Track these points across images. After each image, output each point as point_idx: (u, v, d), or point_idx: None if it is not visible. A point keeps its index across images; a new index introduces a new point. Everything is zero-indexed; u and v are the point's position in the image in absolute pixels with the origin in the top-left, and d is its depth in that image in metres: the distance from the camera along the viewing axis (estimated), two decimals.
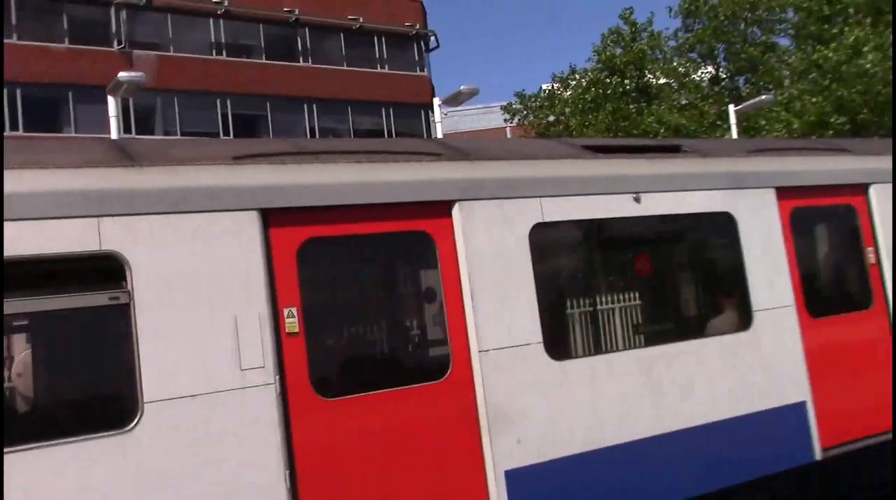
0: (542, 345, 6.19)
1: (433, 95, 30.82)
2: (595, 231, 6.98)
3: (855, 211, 8.34)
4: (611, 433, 6.42)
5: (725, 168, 7.55)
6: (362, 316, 6.14)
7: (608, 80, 34.56)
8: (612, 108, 33.33)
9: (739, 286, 7.36)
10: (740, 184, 7.52)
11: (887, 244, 8.32)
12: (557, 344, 6.39)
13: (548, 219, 6.45)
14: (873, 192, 8.40)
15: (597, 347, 6.98)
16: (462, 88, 17.47)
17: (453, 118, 61.90)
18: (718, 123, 31.17)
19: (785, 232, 7.70)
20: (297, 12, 39.96)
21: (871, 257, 8.33)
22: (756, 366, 7.20)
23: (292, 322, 5.46)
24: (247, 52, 39.21)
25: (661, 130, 30.96)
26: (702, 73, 37.85)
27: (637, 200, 6.90)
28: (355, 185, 5.79)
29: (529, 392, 6.11)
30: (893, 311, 8.23)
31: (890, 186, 8.47)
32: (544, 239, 6.48)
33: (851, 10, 32.52)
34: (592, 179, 6.74)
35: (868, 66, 29.27)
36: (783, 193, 7.77)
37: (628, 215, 6.91)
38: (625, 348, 7.04)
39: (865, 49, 29.66)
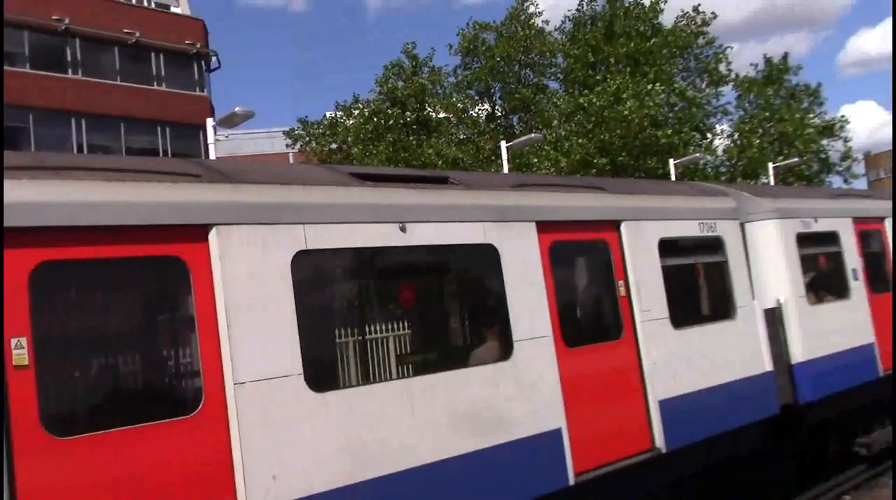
0: (301, 376, 5.99)
1: (212, 116, 29.85)
2: (360, 260, 6.90)
3: (608, 246, 8.82)
4: (372, 465, 6.30)
5: (490, 201, 7.73)
6: (105, 347, 5.66)
7: (390, 112, 35.07)
8: (393, 139, 33.84)
9: (501, 317, 7.53)
10: (504, 217, 7.72)
11: (636, 278, 8.86)
12: (319, 375, 6.21)
13: (311, 246, 6.29)
14: (624, 228, 8.93)
15: (360, 377, 6.88)
16: (237, 109, 16.99)
17: (234, 141, 60.34)
18: (493, 158, 32.42)
19: (544, 264, 7.98)
20: (67, 21, 37.50)
21: (621, 290, 8.83)
22: (515, 395, 7.37)
23: (20, 354, 4.93)
24: (9, 60, 36.18)
25: (440, 163, 31.75)
26: (479, 109, 39.33)
27: (403, 229, 6.89)
28: (100, 204, 5.35)
29: (288, 425, 5.87)
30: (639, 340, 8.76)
31: (638, 222, 9.05)
32: (308, 267, 6.31)
33: (613, 60, 35.11)
34: (358, 208, 6.66)
35: (626, 112, 31.63)
36: (543, 226, 8.07)
37: (394, 245, 6.88)
38: (388, 379, 6.98)
39: (624, 96, 32.06)
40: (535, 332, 7.66)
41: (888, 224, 13.96)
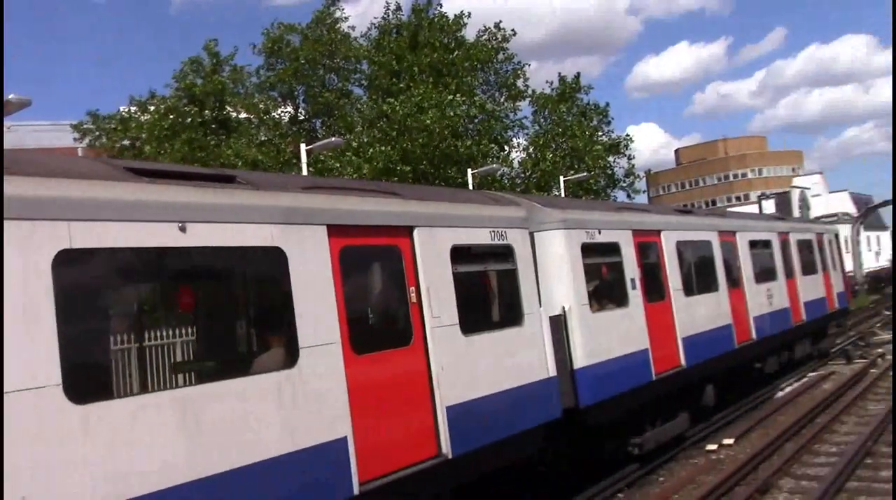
0: (60, 387, 5.48)
1: None
2: (134, 261, 6.41)
3: (400, 252, 8.79)
4: (143, 481, 5.87)
5: (278, 202, 7.46)
6: None
7: (187, 109, 33.69)
8: (190, 137, 32.49)
9: (287, 323, 7.28)
10: (292, 219, 7.48)
11: (427, 284, 8.88)
12: (82, 386, 5.69)
13: (77, 246, 5.78)
14: (417, 234, 8.93)
15: (131, 388, 6.41)
16: (11, 96, 15.60)
17: (18, 133, 56.00)
18: (294, 161, 31.93)
19: (334, 269, 7.81)
20: None
21: (412, 296, 8.82)
22: (300, 403, 7.14)
23: None
24: None
25: (239, 164, 30.86)
26: (282, 111, 38.66)
27: (183, 229, 6.50)
28: None
29: (42, 440, 5.35)
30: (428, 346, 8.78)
31: (431, 229, 9.08)
32: (72, 268, 5.78)
33: (416, 70, 35.59)
34: (131, 205, 6.20)
35: (428, 122, 32.11)
36: (334, 230, 7.90)
37: (173, 246, 6.46)
38: (164, 389, 6.56)
39: (426, 106, 32.54)
40: (322, 338, 7.47)
41: (664, 237, 14.90)
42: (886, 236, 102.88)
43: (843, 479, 11.85)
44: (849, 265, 39.55)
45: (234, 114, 35.83)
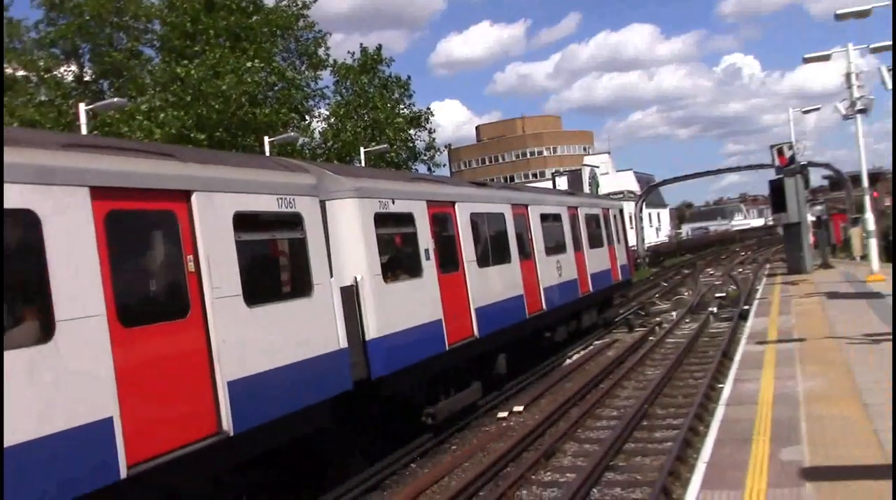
0: None
1: None
2: None
3: (176, 217, 8.20)
4: None
5: (30, 160, 6.70)
6: None
7: None
8: None
9: (41, 294, 6.58)
10: (48, 180, 6.75)
11: (207, 253, 8.35)
12: None
13: None
14: (196, 199, 8.37)
15: None
16: None
17: None
18: (78, 123, 29.74)
19: (99, 235, 7.15)
20: None
21: (190, 266, 8.26)
22: (55, 380, 6.48)
23: None
24: None
25: (15, 125, 28.35)
26: (65, 70, 35.96)
27: None
28: None
29: None
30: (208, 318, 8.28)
31: (211, 194, 8.53)
32: None
33: (212, 33, 34.04)
34: None
35: (225, 87, 30.83)
36: (99, 193, 7.23)
37: None
38: None
39: (222, 71, 31.22)
40: (83, 311, 6.81)
41: (458, 208, 14.99)
42: (665, 213, 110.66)
43: (622, 441, 12.44)
44: (632, 240, 42.00)
45: (9, 71, 32.94)
